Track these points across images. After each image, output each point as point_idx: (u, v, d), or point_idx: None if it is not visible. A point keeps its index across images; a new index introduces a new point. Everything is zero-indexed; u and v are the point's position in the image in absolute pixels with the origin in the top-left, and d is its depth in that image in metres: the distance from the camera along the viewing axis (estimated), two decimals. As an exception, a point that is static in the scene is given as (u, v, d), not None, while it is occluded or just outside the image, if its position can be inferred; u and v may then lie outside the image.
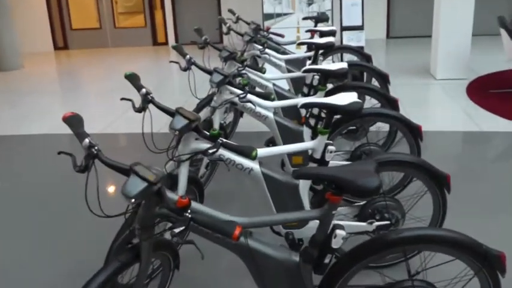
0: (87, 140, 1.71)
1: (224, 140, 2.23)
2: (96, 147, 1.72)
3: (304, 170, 1.92)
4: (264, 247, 1.83)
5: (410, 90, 6.56)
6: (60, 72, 9.44)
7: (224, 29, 5.34)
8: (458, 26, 6.74)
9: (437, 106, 6.06)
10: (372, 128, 3.99)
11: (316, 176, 1.90)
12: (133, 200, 1.50)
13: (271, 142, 3.43)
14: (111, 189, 4.01)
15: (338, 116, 2.94)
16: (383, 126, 3.71)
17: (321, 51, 4.35)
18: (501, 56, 6.53)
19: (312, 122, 3.29)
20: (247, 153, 2.14)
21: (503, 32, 5.98)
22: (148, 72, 8.66)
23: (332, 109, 2.53)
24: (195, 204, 1.95)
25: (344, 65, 3.34)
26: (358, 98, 2.59)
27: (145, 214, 1.66)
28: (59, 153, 1.81)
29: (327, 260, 1.79)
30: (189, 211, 1.60)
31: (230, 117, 4.58)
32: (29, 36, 10.75)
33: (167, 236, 1.73)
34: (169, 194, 1.82)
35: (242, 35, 4.90)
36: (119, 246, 2.36)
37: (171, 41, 11.29)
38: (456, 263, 1.86)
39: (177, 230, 1.57)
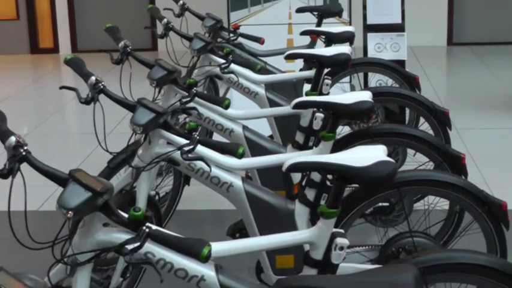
0: (13, 138, 1.58)
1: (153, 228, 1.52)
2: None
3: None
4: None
5: (491, 141, 4.76)
6: None
7: (160, 29, 3.75)
8: None
9: None
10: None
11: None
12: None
13: (239, 229, 2.64)
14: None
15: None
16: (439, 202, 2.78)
17: (327, 70, 3.33)
18: None
19: (311, 194, 2.33)
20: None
21: None
22: (24, 110, 5.83)
23: (341, 173, 1.82)
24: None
25: (367, 94, 2.52)
26: (394, 154, 2.82)
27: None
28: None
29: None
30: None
31: (166, 183, 3.48)
32: None
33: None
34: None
35: (190, 39, 3.45)
36: None
37: (64, 46, 8.10)
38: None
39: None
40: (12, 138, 1.48)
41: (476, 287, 1.78)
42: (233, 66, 2.86)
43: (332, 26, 3.95)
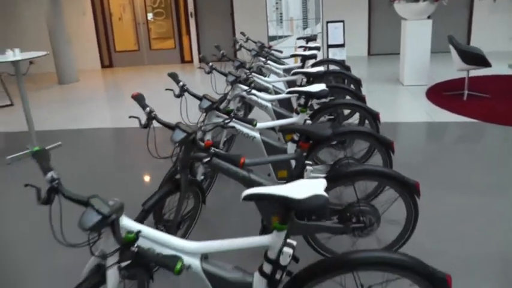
0: (50, 175, 1.62)
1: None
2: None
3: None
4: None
5: (384, 94, 7.33)
6: (108, 85, 10.23)
7: (237, 46, 5.98)
8: (420, 44, 7.54)
9: (404, 104, 6.75)
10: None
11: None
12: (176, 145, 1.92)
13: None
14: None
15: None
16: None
17: (310, 61, 5.18)
18: (452, 68, 7.27)
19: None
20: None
21: (452, 48, 6.76)
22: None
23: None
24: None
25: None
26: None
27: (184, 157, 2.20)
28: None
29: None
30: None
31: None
32: (80, 56, 11.57)
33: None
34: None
35: (250, 50, 5.53)
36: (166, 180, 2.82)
37: (196, 59, 12.09)
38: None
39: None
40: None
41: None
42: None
43: (312, 44, 5.91)
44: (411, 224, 2.55)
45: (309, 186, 1.66)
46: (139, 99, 2.47)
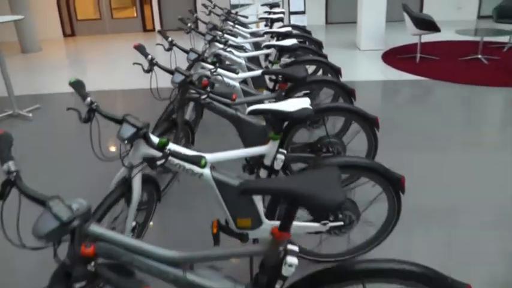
0: (88, 99, 1.93)
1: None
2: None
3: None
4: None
5: (343, 57, 7.80)
6: (71, 53, 10.17)
7: (206, 12, 6.36)
8: (375, 11, 8.05)
9: (362, 66, 7.23)
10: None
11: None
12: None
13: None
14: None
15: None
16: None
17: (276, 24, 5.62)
18: (406, 35, 7.81)
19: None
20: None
21: (405, 15, 7.28)
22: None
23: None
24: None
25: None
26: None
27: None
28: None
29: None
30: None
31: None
32: (42, 26, 11.38)
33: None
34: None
35: (219, 15, 5.95)
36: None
37: (157, 27, 12.16)
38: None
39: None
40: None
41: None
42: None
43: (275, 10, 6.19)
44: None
45: (298, 103, 2.14)
46: (140, 49, 2.82)
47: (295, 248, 1.37)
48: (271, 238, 1.37)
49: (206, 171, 2.11)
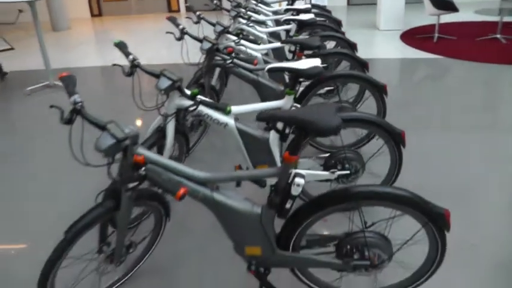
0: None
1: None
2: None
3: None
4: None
5: (362, 37, 7.92)
6: (98, 31, 10.47)
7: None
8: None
9: (380, 45, 7.34)
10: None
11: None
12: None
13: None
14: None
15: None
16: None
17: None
18: (425, 16, 7.90)
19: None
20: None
21: (424, -6, 7.40)
22: (163, 30, 9.80)
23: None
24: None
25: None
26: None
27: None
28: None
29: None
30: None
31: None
32: (70, 6, 11.76)
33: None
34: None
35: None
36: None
37: (182, 8, 12.41)
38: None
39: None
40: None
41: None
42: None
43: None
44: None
45: (309, 62, 2.39)
46: (172, 20, 3.03)
47: (302, 172, 1.60)
48: (283, 162, 1.60)
49: (231, 121, 2.39)
